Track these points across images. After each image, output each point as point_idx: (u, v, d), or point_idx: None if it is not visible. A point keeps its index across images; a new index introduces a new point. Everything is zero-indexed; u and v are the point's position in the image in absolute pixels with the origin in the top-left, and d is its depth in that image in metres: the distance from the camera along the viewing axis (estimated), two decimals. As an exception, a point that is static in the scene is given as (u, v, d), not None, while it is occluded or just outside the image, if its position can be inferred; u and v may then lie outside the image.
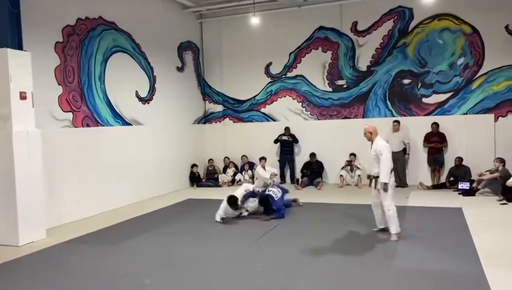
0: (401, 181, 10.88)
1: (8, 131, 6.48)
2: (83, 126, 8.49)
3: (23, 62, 6.71)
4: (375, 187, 6.36)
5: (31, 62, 6.81)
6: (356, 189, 10.79)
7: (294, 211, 8.20)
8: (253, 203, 7.95)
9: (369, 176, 6.63)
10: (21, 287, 4.83)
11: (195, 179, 11.93)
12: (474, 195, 9.30)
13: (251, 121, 12.75)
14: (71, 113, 8.22)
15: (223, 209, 7.61)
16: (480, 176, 9.55)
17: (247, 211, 7.93)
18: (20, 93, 6.60)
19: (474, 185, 9.54)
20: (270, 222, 7.42)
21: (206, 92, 13.18)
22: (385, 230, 6.39)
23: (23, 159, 6.58)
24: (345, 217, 7.84)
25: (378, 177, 6.22)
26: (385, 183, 6.15)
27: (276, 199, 7.85)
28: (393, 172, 6.49)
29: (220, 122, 13.11)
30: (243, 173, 12.14)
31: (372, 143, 6.47)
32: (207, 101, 13.21)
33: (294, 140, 11.99)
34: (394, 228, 6.16)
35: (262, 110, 12.60)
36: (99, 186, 8.68)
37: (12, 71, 6.51)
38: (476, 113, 10.56)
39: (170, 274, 5.10)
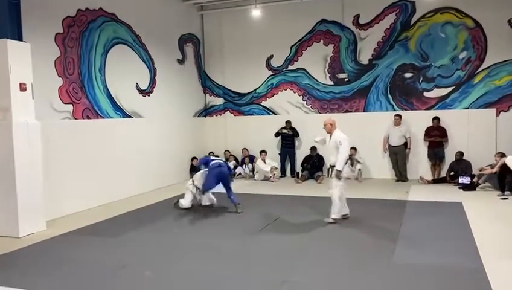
0: (401, 175, 10.89)
1: (8, 122, 6.46)
2: (83, 118, 8.47)
3: (23, 53, 6.67)
4: (331, 176, 6.95)
5: (30, 53, 6.77)
6: (356, 183, 10.77)
7: (295, 205, 8.19)
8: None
9: (330, 165, 7.11)
10: (21, 277, 4.84)
11: (195, 172, 11.89)
12: (474, 189, 9.29)
13: (252, 114, 12.72)
14: (71, 105, 8.19)
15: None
16: (480, 170, 9.53)
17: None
18: (20, 84, 6.57)
19: (475, 179, 9.53)
20: (271, 215, 7.42)
21: (207, 84, 13.14)
22: (345, 218, 6.99)
23: (23, 150, 6.56)
24: (345, 211, 7.83)
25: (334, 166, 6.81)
26: (339, 171, 6.69)
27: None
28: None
29: (220, 115, 13.08)
30: (243, 166, 12.14)
31: (331, 135, 6.96)
32: (207, 94, 13.17)
33: (295, 133, 11.97)
34: (334, 213, 6.82)
35: (263, 103, 12.57)
36: (99, 179, 8.68)
37: (12, 62, 6.47)
38: (478, 108, 10.53)
39: (170, 266, 5.10)
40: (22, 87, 6.60)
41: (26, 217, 6.57)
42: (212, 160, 8.10)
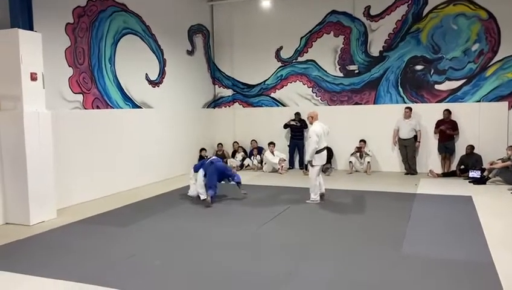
0: (410, 168, 10.82)
1: (19, 112, 6.52)
2: (93, 108, 8.52)
3: (34, 43, 6.71)
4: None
5: (41, 43, 6.81)
6: (365, 175, 10.74)
7: (303, 196, 8.19)
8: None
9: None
10: (31, 264, 4.91)
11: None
12: (484, 183, 9.20)
13: (261, 106, 12.69)
14: (81, 95, 8.24)
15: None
16: (491, 164, 9.42)
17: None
18: (31, 74, 6.62)
19: (485, 173, 9.43)
20: (279, 206, 7.44)
21: (216, 76, 13.12)
22: (322, 196, 7.92)
23: (34, 139, 6.63)
24: (353, 203, 7.83)
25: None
26: (309, 161, 7.70)
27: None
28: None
29: (229, 106, 13.07)
30: (252, 157, 12.15)
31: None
32: (217, 86, 13.16)
33: (304, 125, 11.93)
34: (312, 196, 7.81)
35: (272, 95, 12.53)
36: (108, 168, 8.75)
37: (23, 52, 6.51)
38: (490, 101, 10.39)
39: (179, 255, 5.15)
40: (33, 77, 6.64)
41: (36, 206, 6.66)
42: (203, 162, 8.29)
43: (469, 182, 9.45)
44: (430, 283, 4.23)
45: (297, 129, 11.97)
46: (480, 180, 9.31)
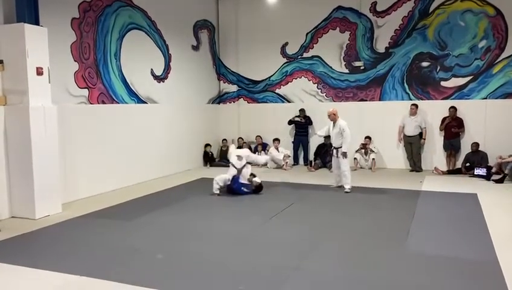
0: (415, 166, 10.79)
1: (25, 106, 6.56)
2: (99, 103, 8.54)
3: (40, 38, 6.73)
4: (337, 156, 8.43)
5: (47, 38, 6.83)
6: (370, 172, 10.72)
7: (307, 192, 8.19)
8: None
9: (335, 147, 8.53)
10: (36, 258, 4.94)
11: (208, 159, 11.98)
12: (502, 182, 8.93)
13: (265, 102, 12.67)
14: (87, 89, 8.26)
15: (221, 179, 8.12)
16: (501, 158, 9.28)
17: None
18: (37, 68, 6.65)
19: (494, 169, 9.28)
20: (284, 202, 7.44)
21: (221, 71, 13.11)
22: (339, 187, 8.54)
23: (40, 134, 6.66)
24: (357, 200, 7.81)
25: (340, 147, 8.32)
26: (345, 153, 8.24)
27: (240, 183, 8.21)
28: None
29: (234, 102, 13.06)
30: (256, 153, 12.12)
31: (334, 122, 8.43)
32: (222, 81, 13.15)
33: (309, 122, 11.91)
34: (348, 186, 8.33)
35: (277, 91, 12.51)
36: (113, 163, 8.78)
37: (29, 46, 6.54)
38: (496, 98, 10.32)
39: (182, 250, 5.16)
40: (39, 71, 6.67)
41: (42, 200, 6.70)
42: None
43: (488, 180, 9.18)
44: (434, 281, 4.21)
45: (301, 125, 11.95)
46: (498, 179, 9.05)
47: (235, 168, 8.27)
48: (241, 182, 8.19)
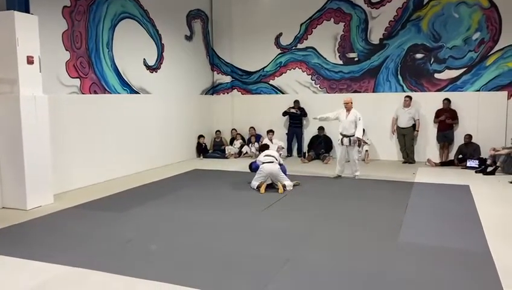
0: (408, 157, 10.83)
1: (15, 96, 6.46)
2: (91, 93, 8.45)
3: (31, 26, 6.61)
4: (349, 144, 8.64)
5: (38, 26, 6.71)
6: (363, 164, 10.73)
7: (301, 184, 8.19)
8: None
9: (345, 135, 8.68)
10: (28, 249, 4.90)
11: (201, 150, 11.93)
12: (493, 174, 9.00)
13: (259, 93, 12.62)
14: (78, 79, 8.16)
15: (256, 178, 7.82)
16: (494, 150, 9.34)
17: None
18: (28, 57, 6.54)
19: (489, 162, 9.33)
20: (276, 194, 7.44)
21: (215, 62, 13.02)
22: (340, 177, 8.85)
23: (31, 123, 6.57)
24: (350, 191, 7.83)
25: (353, 136, 8.55)
26: (359, 138, 8.59)
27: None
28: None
29: (227, 93, 12.99)
30: (250, 145, 12.12)
31: (349, 111, 8.70)
32: (215, 72, 13.07)
33: (303, 113, 11.89)
34: (358, 172, 8.86)
35: (271, 82, 12.46)
36: (106, 154, 8.71)
37: (20, 35, 6.42)
38: (489, 90, 10.36)
39: (175, 241, 5.14)
40: (29, 60, 6.56)
41: (33, 190, 6.63)
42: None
43: (476, 172, 9.24)
44: (427, 272, 4.23)
45: (296, 117, 11.92)
46: (486, 171, 9.12)
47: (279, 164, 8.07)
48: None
